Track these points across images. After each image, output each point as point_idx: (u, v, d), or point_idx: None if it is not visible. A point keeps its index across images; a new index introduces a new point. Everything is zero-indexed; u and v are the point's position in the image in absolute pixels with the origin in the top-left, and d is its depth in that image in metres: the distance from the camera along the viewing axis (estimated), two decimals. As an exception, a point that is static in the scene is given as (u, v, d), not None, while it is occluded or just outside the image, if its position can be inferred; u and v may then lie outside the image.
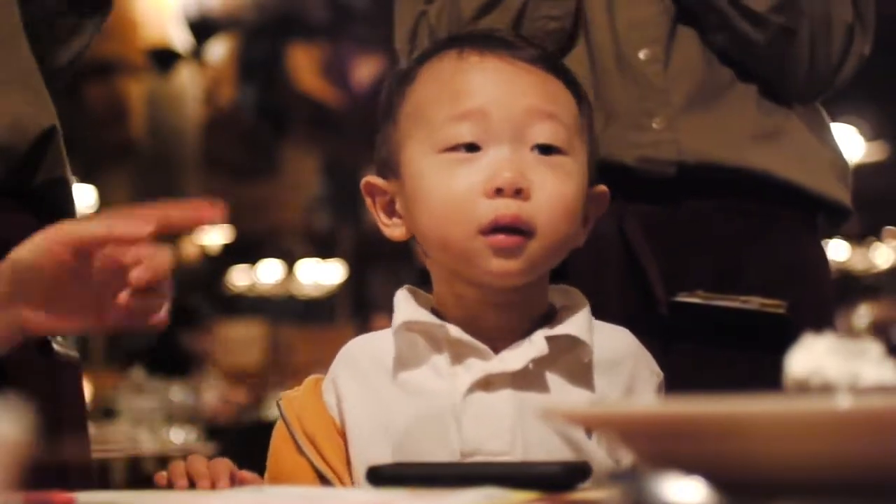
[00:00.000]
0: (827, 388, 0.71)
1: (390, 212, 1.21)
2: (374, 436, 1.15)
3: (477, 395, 1.13)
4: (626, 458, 1.11)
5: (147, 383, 5.24)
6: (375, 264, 14.46)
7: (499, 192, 1.12)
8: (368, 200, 1.22)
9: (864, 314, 8.64)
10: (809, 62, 1.58)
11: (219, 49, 11.20)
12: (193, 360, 6.70)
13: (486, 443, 1.12)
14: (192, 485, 1.11)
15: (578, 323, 1.17)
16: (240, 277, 13.45)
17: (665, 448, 0.69)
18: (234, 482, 1.11)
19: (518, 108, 1.16)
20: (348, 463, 1.16)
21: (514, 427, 1.12)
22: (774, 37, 1.55)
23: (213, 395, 6.31)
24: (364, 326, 8.65)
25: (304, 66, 12.19)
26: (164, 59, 10.62)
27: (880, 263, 13.36)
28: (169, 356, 6.65)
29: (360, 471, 1.14)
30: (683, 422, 0.69)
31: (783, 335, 1.41)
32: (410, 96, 1.20)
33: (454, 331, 1.15)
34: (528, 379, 1.14)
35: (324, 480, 1.15)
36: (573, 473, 0.98)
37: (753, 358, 1.50)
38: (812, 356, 0.72)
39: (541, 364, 1.14)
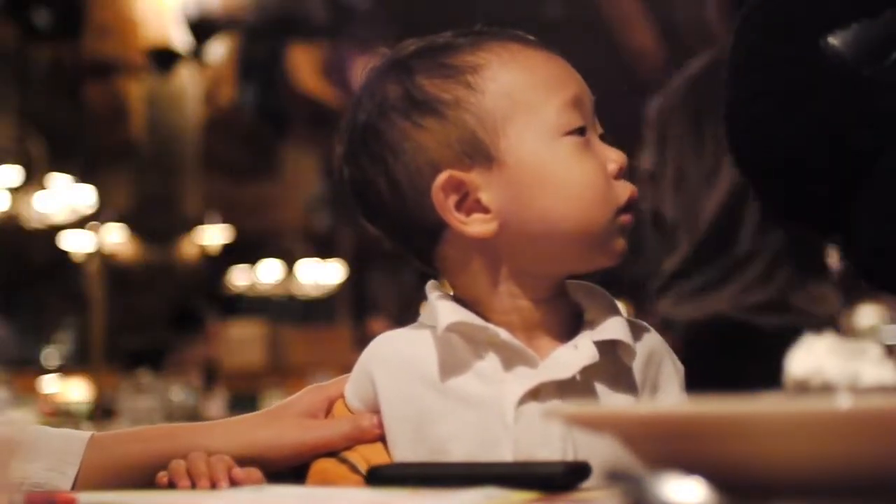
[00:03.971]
0: (827, 388, 0.71)
1: (468, 208, 1.14)
2: (413, 441, 1.13)
3: (529, 403, 1.11)
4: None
5: (148, 383, 5.24)
6: (375, 264, 14.44)
7: (619, 173, 1.16)
8: (441, 199, 1.13)
9: (864, 314, 8.63)
10: None
11: (219, 49, 11.20)
12: (191, 364, 6.69)
13: (537, 452, 1.10)
14: (193, 485, 1.11)
15: (621, 325, 1.15)
16: (240, 277, 13.43)
17: (665, 448, 0.69)
18: (236, 479, 1.10)
19: (590, 99, 1.19)
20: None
21: (565, 436, 1.10)
22: None
23: (219, 399, 6.29)
24: (363, 326, 8.63)
25: (304, 66, 12.18)
26: (164, 59, 10.61)
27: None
28: (164, 358, 6.65)
29: None
30: (683, 422, 0.69)
31: None
32: (492, 84, 1.14)
33: (504, 334, 1.12)
34: (573, 386, 1.12)
35: None
36: (573, 473, 0.98)
37: None
38: (812, 356, 0.72)
39: (587, 370, 1.13)
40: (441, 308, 1.14)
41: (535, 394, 1.11)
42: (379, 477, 1.04)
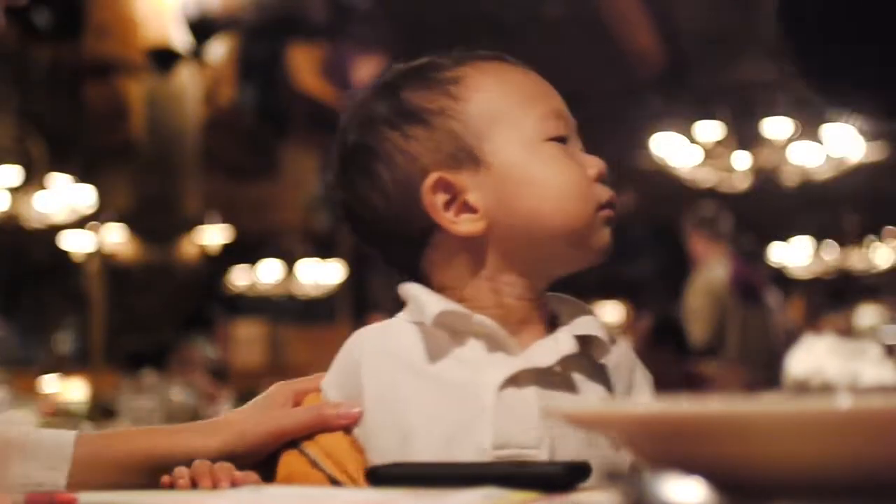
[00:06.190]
0: (827, 388, 0.71)
1: (457, 209, 1.19)
2: (388, 428, 1.15)
3: (508, 389, 1.15)
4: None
5: (150, 384, 5.24)
6: (375, 264, 14.39)
7: (598, 177, 1.22)
8: (431, 199, 1.19)
9: (864, 314, 8.63)
10: None
11: (219, 49, 11.20)
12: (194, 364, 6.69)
13: (516, 437, 1.13)
14: (194, 485, 1.11)
15: (596, 323, 1.20)
16: (240, 277, 13.44)
17: (665, 448, 0.69)
18: (237, 482, 1.11)
19: (570, 118, 1.24)
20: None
21: (542, 423, 1.14)
22: None
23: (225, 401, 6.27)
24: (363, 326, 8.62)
25: (304, 66, 12.18)
26: (164, 59, 10.62)
27: (880, 263, 13.35)
28: (165, 359, 6.64)
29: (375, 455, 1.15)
30: (683, 422, 0.69)
31: None
32: (475, 94, 1.21)
33: (488, 321, 1.17)
34: (551, 376, 1.16)
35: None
36: (573, 473, 0.98)
37: None
38: (812, 356, 0.72)
39: (564, 362, 1.17)
40: (427, 299, 1.19)
41: (515, 380, 1.15)
42: (379, 477, 1.04)
